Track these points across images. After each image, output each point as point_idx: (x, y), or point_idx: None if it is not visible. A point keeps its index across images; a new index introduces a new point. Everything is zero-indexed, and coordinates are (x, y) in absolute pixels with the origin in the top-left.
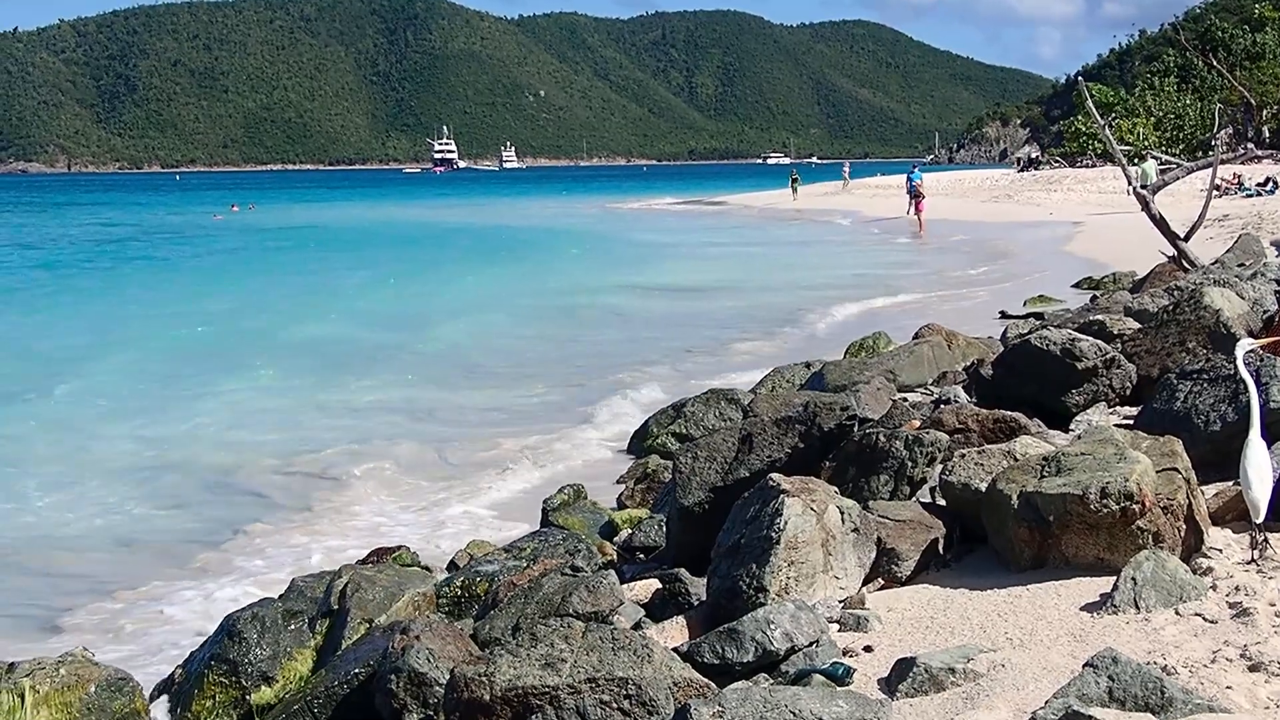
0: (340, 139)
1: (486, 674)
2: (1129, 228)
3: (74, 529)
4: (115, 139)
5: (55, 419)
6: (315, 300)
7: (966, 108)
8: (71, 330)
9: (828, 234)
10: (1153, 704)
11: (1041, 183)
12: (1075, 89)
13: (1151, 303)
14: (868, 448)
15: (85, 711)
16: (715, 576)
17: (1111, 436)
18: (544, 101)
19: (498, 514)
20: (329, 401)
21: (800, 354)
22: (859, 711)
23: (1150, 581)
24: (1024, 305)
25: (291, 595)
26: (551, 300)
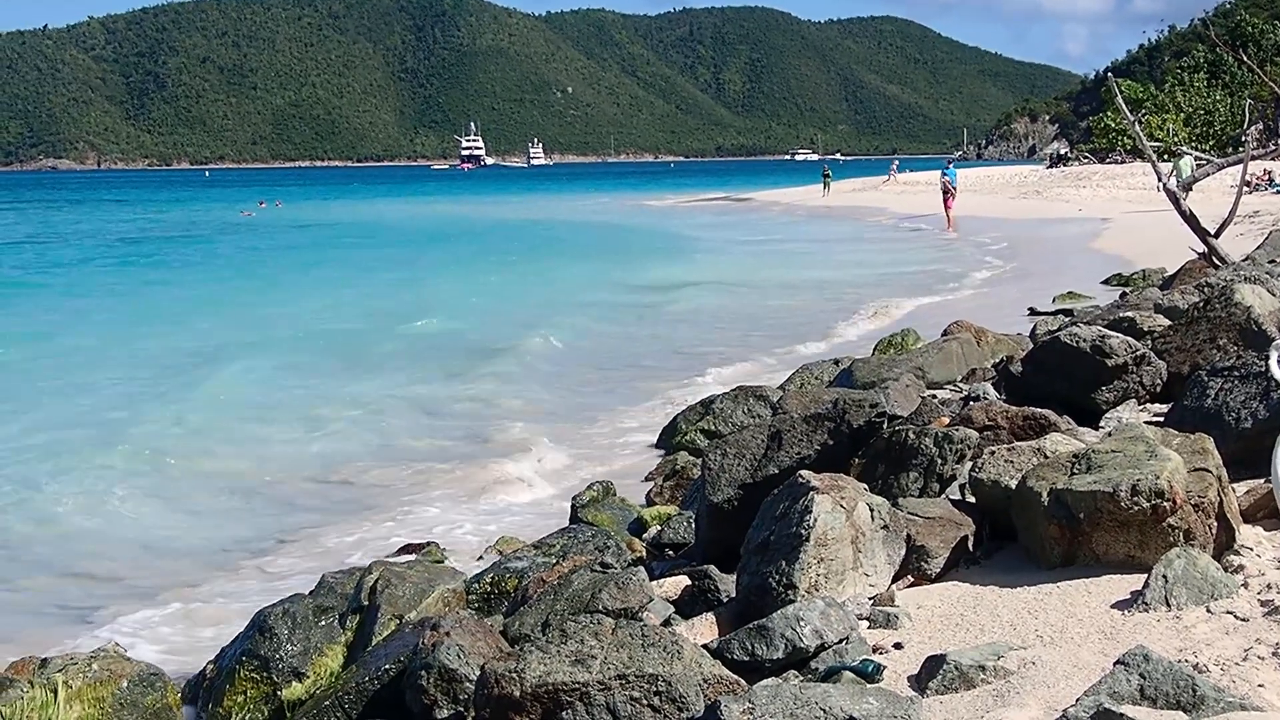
0: (368, 135)
1: (517, 670)
2: (1158, 224)
3: (101, 525)
4: (144, 136)
5: (78, 415)
6: (349, 296)
7: (995, 104)
8: (103, 327)
9: (860, 231)
10: (1184, 702)
11: (1070, 179)
12: (1104, 85)
13: (1182, 299)
14: (897, 445)
15: (117, 706)
16: (744, 573)
17: (1142, 434)
18: (571, 98)
19: (527, 510)
20: (355, 396)
21: (829, 351)
22: (889, 709)
23: (1181, 579)
24: (1053, 301)
25: (322, 591)
26: (585, 296)
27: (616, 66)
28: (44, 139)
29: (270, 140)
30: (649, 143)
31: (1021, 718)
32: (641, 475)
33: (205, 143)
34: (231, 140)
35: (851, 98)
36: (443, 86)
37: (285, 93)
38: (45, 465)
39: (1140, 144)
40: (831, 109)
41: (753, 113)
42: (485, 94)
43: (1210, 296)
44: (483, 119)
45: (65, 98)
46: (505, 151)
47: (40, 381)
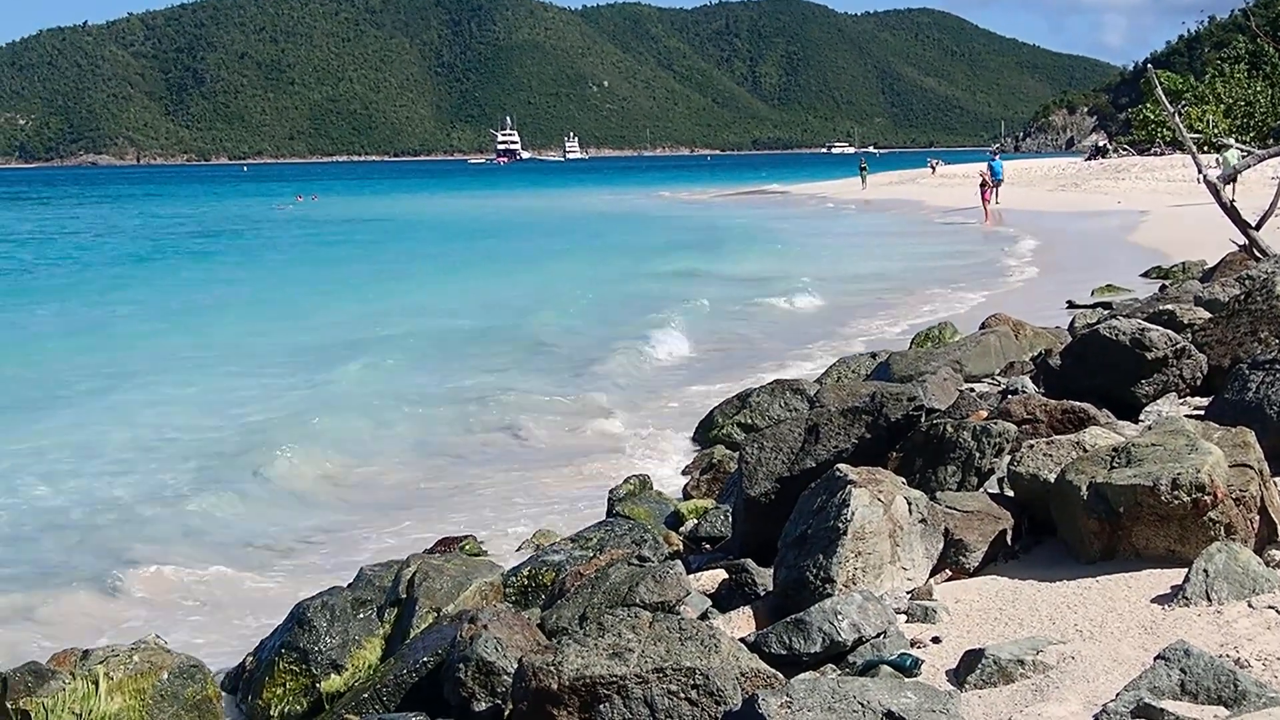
0: (405, 130)
1: (554, 663)
2: (1197, 217)
3: (145, 516)
4: (183, 131)
5: (119, 407)
6: (390, 291)
7: (1033, 96)
8: (146, 318)
9: (897, 224)
10: (1225, 697)
11: (1109, 171)
12: (1143, 76)
13: (1222, 292)
14: (935, 438)
15: (158, 698)
16: (782, 567)
17: (1182, 427)
18: (607, 92)
19: (564, 504)
20: (398, 390)
21: (865, 344)
22: (927, 703)
23: (1222, 573)
24: (1092, 294)
25: (360, 584)
26: (622, 288)
27: (652, 60)
28: (84, 135)
29: (308, 135)
30: (685, 136)
31: (1061, 712)
32: (678, 468)
33: (243, 138)
34: (269, 135)
35: (888, 90)
36: (479, 81)
37: (322, 88)
38: (76, 457)
39: (1180, 136)
40: (868, 102)
41: (789, 106)
42: (521, 88)
43: (1251, 289)
44: (519, 113)
45: (105, 94)
46: (541, 146)
47: (88, 374)
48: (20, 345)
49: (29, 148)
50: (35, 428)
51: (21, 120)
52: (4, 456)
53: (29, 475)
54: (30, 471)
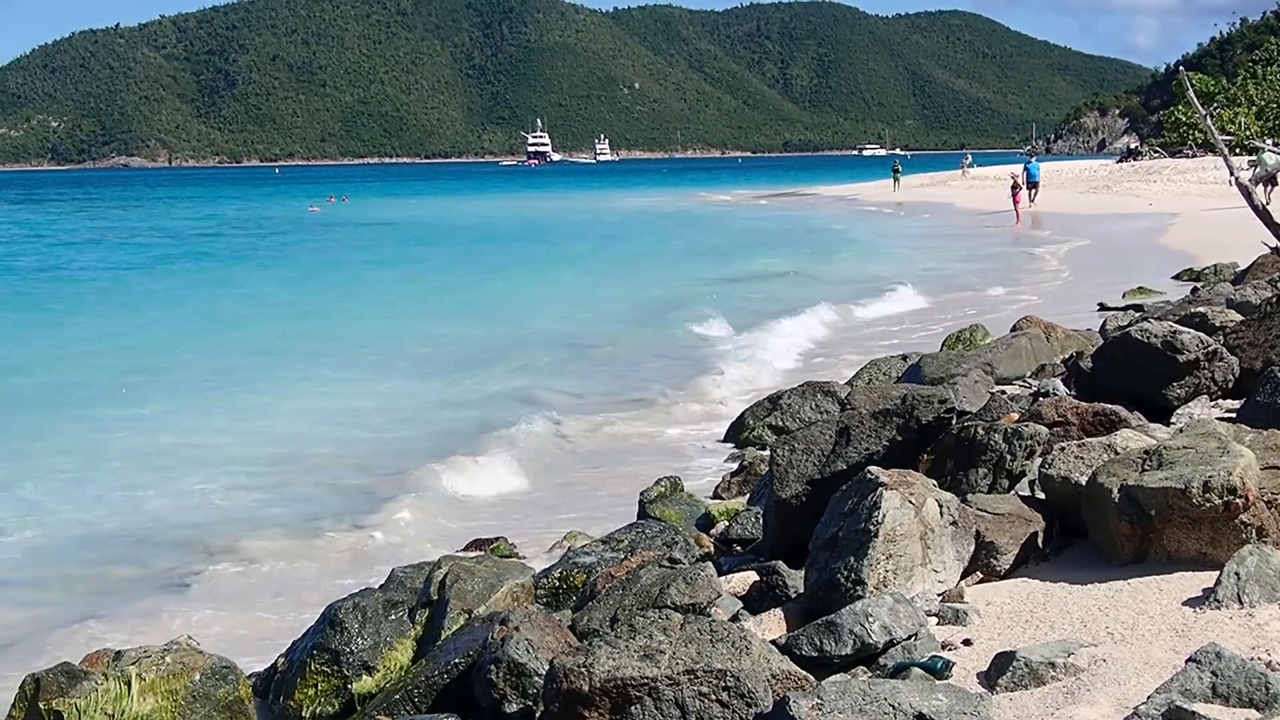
0: (436, 132)
1: (585, 665)
2: (1228, 219)
3: (178, 517)
4: (215, 133)
5: (133, 414)
6: (435, 294)
7: (1064, 98)
8: (177, 321)
9: (936, 226)
10: (1257, 700)
11: (1141, 173)
12: (1175, 78)
13: (1254, 294)
14: (966, 441)
15: (190, 699)
16: (813, 569)
17: (1214, 430)
18: (638, 94)
19: (593, 506)
20: (428, 393)
21: (895, 347)
22: (958, 705)
23: (1254, 576)
24: (1123, 297)
25: (391, 585)
26: (645, 294)
27: (683, 62)
28: (116, 136)
29: (339, 137)
30: (716, 138)
31: (1092, 715)
32: (710, 471)
33: (275, 140)
34: (301, 137)
35: (919, 93)
36: (510, 83)
37: (354, 90)
38: (110, 459)
39: (1212, 138)
40: (899, 104)
41: (820, 108)
42: (552, 90)
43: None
44: (550, 115)
45: (137, 96)
46: (572, 148)
47: (121, 374)
48: (60, 349)
49: (61, 150)
50: (75, 432)
51: (54, 122)
52: (57, 461)
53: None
54: (66, 478)
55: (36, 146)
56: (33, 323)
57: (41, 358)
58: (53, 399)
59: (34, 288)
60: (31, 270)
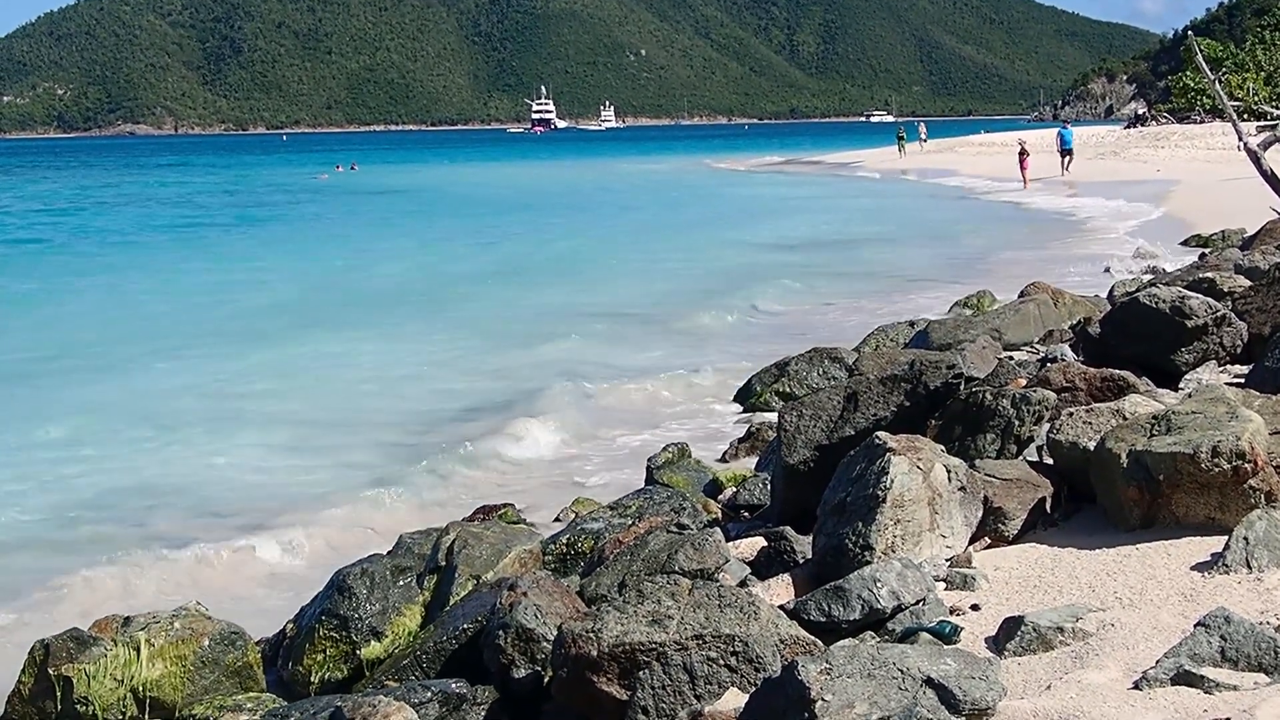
0: (442, 99)
1: (594, 630)
2: (1236, 185)
3: (184, 483)
4: (221, 101)
5: (146, 382)
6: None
7: (1071, 64)
8: (193, 289)
9: (936, 192)
10: (1266, 664)
11: (1149, 139)
12: (1183, 44)
13: (1263, 260)
14: (974, 406)
15: (199, 664)
16: (821, 534)
17: (1223, 395)
18: (645, 60)
19: (602, 472)
20: (445, 357)
21: (903, 313)
22: (967, 669)
23: (1263, 541)
24: (1132, 260)
25: (399, 551)
26: (667, 259)
27: (690, 29)
28: (122, 104)
29: (345, 104)
30: (722, 105)
31: (1101, 679)
32: (717, 436)
33: (280, 107)
34: (307, 105)
35: (926, 59)
36: (516, 50)
37: (360, 57)
38: (124, 428)
39: (1221, 103)
40: (906, 70)
41: (827, 74)
42: (558, 57)
43: None
44: (556, 82)
45: (142, 63)
46: (578, 115)
47: (138, 339)
48: (78, 312)
49: (67, 117)
50: (81, 398)
51: (60, 90)
52: (69, 426)
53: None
54: (86, 442)
55: (43, 114)
56: (37, 293)
57: (68, 323)
58: (80, 364)
59: (41, 257)
60: (53, 237)
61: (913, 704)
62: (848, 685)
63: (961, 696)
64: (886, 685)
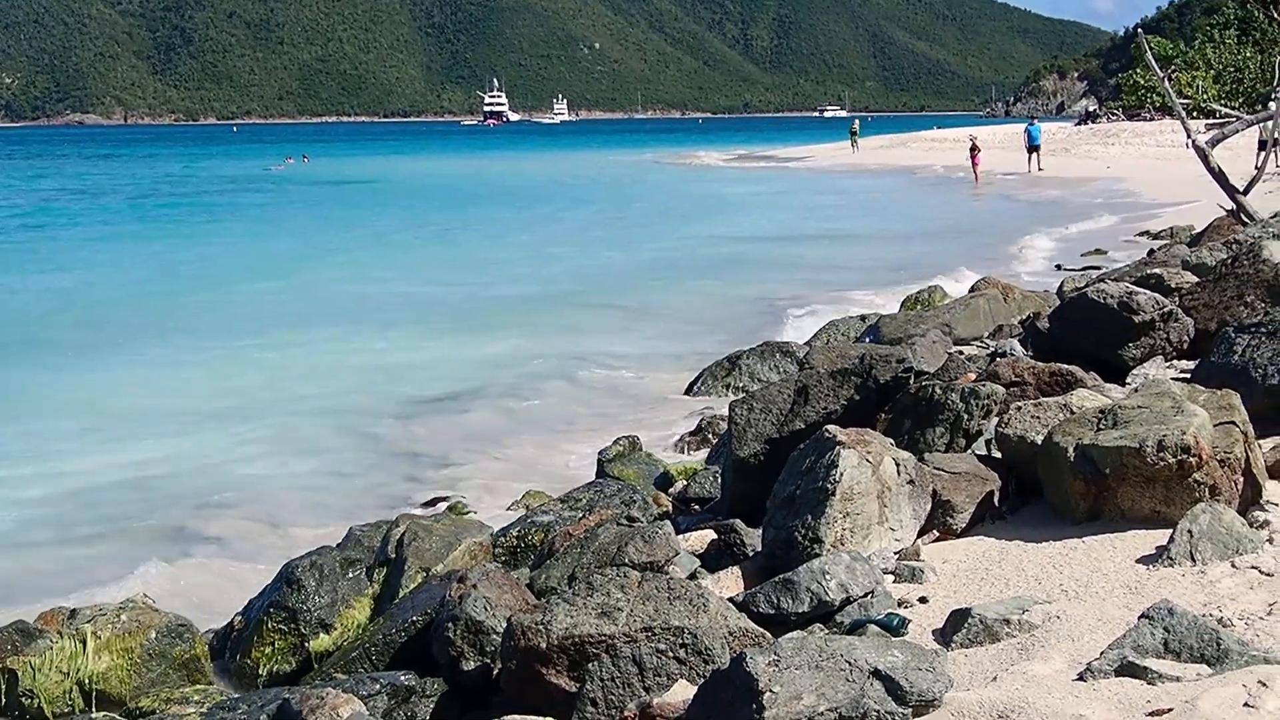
0: (395, 91)
1: (543, 622)
2: (1184, 182)
3: (130, 477)
4: (171, 91)
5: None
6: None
7: (1023, 61)
8: (144, 281)
9: (890, 186)
10: (1208, 655)
11: (1099, 136)
12: (1134, 42)
13: (1210, 256)
14: (924, 400)
15: (145, 657)
16: (770, 527)
17: (1169, 390)
18: (598, 54)
19: (552, 465)
20: (392, 351)
21: (855, 306)
22: (914, 661)
23: (1207, 534)
24: (1081, 258)
25: (349, 544)
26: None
27: (644, 22)
28: (71, 94)
29: (297, 95)
30: (676, 99)
31: (1046, 670)
32: (668, 430)
33: (232, 98)
34: (258, 95)
35: (880, 54)
36: (469, 42)
37: (312, 47)
38: (69, 421)
39: (1170, 101)
40: (859, 66)
41: (780, 69)
42: (512, 49)
43: (1238, 253)
44: (509, 75)
45: (92, 52)
46: (532, 108)
47: (103, 329)
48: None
49: (15, 106)
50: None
51: (8, 79)
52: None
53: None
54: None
55: None
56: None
57: (11, 314)
58: (40, 353)
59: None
60: None
61: (860, 695)
62: (795, 677)
63: (908, 688)
64: (834, 677)
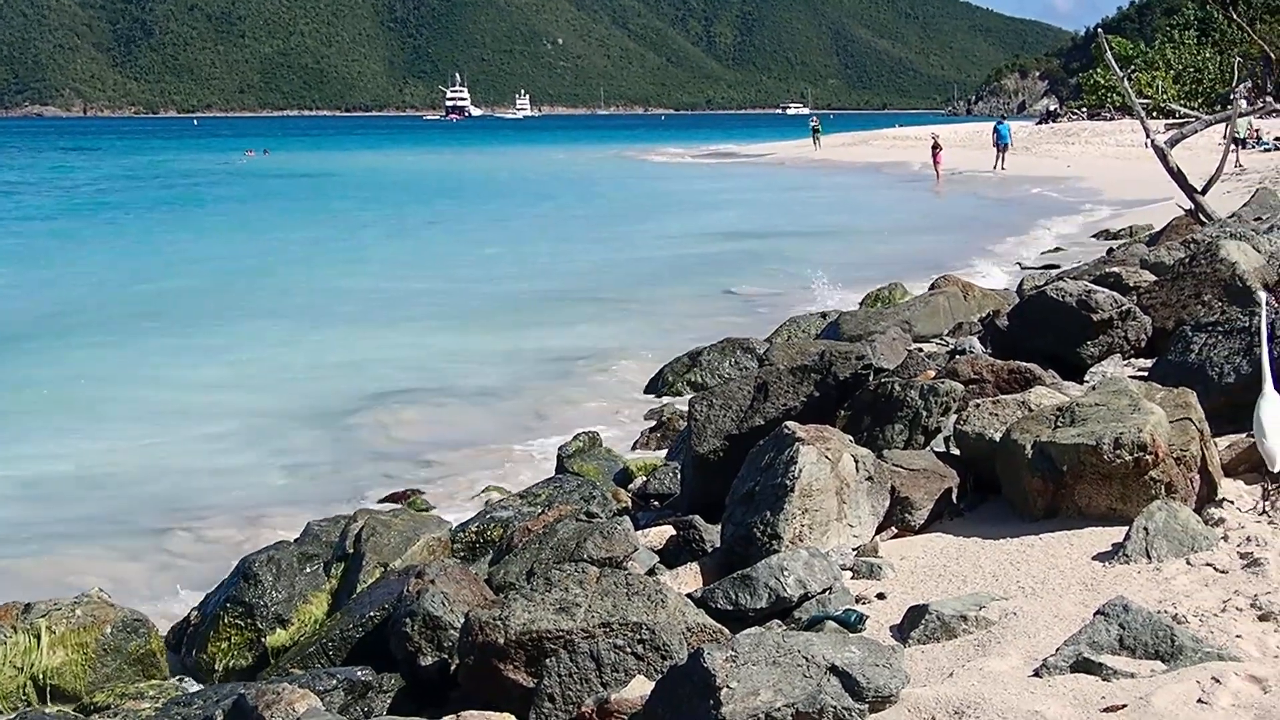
0: (357, 85)
1: (501, 618)
2: (1144, 181)
3: (86, 471)
4: (131, 83)
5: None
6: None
7: (985, 60)
8: (104, 276)
9: (852, 182)
10: (1163, 652)
11: (1060, 135)
12: (1094, 42)
13: (1168, 255)
14: (883, 397)
15: (101, 652)
16: (729, 523)
17: (1126, 388)
18: (561, 49)
19: (512, 460)
20: (354, 345)
21: (815, 304)
22: (871, 657)
23: (1162, 531)
24: (1040, 256)
25: (307, 539)
26: (578, 249)
27: (607, 18)
28: (30, 85)
29: (258, 89)
30: (639, 95)
31: (1002, 667)
32: (628, 425)
33: (192, 91)
34: (219, 89)
35: (842, 52)
36: (432, 36)
37: (273, 41)
38: (31, 416)
39: (1130, 101)
40: (822, 63)
41: (744, 66)
42: (475, 44)
43: (1196, 253)
44: (471, 70)
45: (51, 44)
46: (494, 103)
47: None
48: None
49: None
50: None
51: None
52: None
53: None
54: None
55: None
56: None
57: None
58: None
59: None
60: None
61: (817, 691)
62: (753, 673)
63: (865, 684)
64: (791, 673)
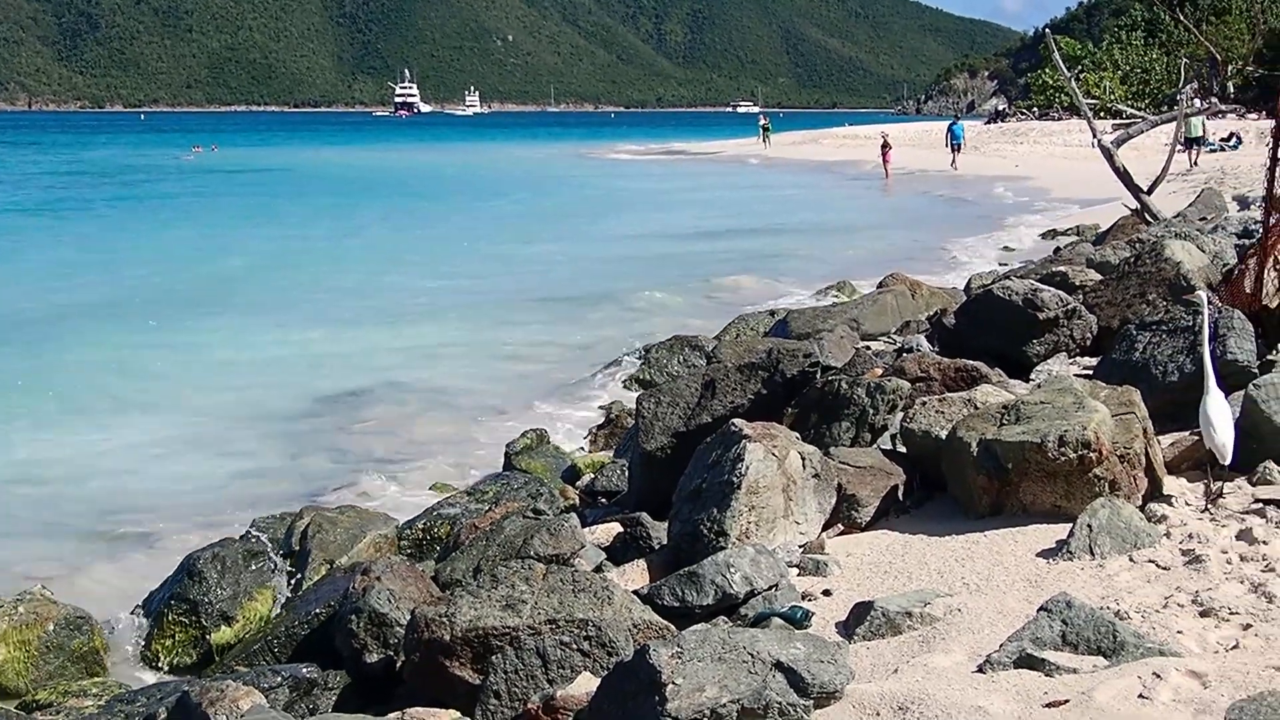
0: (305, 81)
1: (447, 615)
2: (1091, 181)
3: (35, 471)
4: (77, 77)
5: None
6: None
7: (935, 59)
8: (42, 274)
9: (803, 182)
10: (1105, 647)
11: (1009, 135)
12: (1043, 42)
13: (1113, 255)
14: (830, 395)
15: (44, 649)
16: (676, 520)
17: (1071, 386)
18: (511, 46)
19: (460, 457)
20: (303, 344)
21: (765, 301)
22: (816, 654)
23: (1105, 528)
24: (989, 253)
25: (252, 536)
26: (528, 248)
27: (557, 15)
28: None
29: (206, 84)
30: (589, 92)
31: (946, 663)
32: (576, 422)
33: (139, 85)
34: (166, 83)
35: (793, 51)
36: (381, 32)
37: (221, 35)
38: None
39: (1077, 101)
40: (772, 62)
41: (694, 64)
42: (424, 40)
43: (1141, 252)
44: (421, 66)
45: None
46: (444, 99)
47: None
48: None
49: None
50: None
51: None
52: None
53: None
54: None
55: None
56: None
57: None
58: None
59: None
60: None
61: (762, 687)
62: (698, 669)
63: (810, 679)
64: (737, 669)
